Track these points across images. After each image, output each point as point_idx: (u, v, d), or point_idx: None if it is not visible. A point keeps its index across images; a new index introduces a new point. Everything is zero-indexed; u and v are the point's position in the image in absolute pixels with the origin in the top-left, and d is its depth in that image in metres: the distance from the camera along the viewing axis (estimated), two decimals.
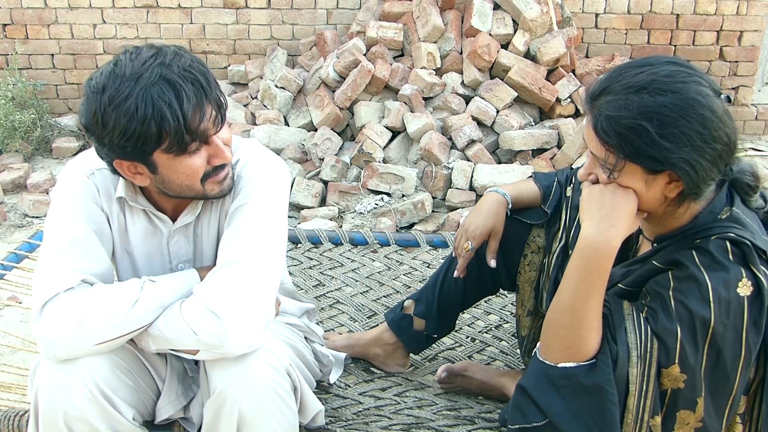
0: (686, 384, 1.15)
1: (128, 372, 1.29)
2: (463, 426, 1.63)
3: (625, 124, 1.11)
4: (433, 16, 4.04)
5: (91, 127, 1.17)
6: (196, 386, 1.46)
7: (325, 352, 1.69)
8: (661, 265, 1.20)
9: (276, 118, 4.11)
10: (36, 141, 4.32)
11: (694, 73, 1.12)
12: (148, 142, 1.15)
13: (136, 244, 1.39)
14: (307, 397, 1.40)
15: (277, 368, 1.27)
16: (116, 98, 1.12)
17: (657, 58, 1.16)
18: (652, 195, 1.17)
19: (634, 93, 1.11)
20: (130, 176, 1.25)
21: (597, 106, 1.16)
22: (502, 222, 1.61)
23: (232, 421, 1.23)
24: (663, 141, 1.09)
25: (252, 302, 1.23)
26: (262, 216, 1.30)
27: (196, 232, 1.39)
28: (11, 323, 2.55)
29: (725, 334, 1.12)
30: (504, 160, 3.91)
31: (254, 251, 1.26)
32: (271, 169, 1.36)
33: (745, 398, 1.21)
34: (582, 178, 1.25)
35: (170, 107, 1.12)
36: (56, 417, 1.20)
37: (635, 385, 1.16)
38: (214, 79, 1.21)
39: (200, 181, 1.25)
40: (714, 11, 4.64)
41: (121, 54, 1.18)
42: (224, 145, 1.24)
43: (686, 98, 1.09)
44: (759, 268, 1.12)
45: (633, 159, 1.13)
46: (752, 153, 4.55)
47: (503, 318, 2.13)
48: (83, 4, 4.51)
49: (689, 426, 1.17)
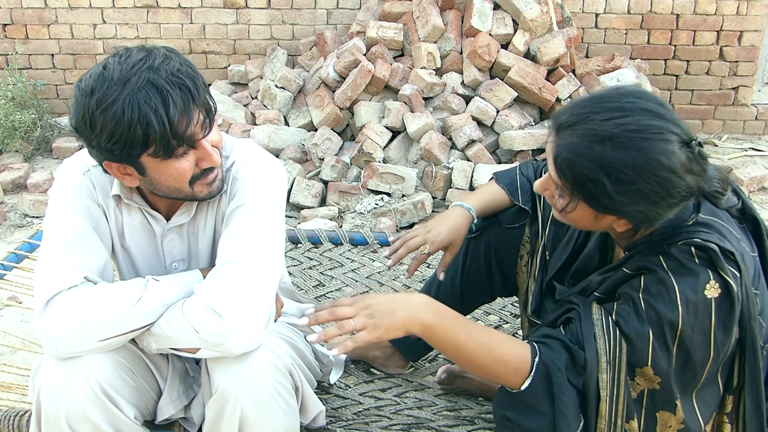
0: (661, 386, 1.16)
1: (130, 372, 1.29)
2: (463, 426, 1.63)
3: (583, 173, 1.12)
4: (433, 16, 4.04)
5: (80, 128, 1.18)
6: (197, 386, 1.46)
7: (326, 352, 1.69)
8: (631, 272, 1.21)
9: (276, 118, 4.11)
10: (36, 141, 4.32)
11: (664, 127, 1.10)
12: (135, 146, 1.16)
13: (133, 241, 1.39)
14: (308, 397, 1.40)
15: (280, 368, 1.27)
16: (104, 102, 1.13)
17: (633, 101, 1.13)
18: (601, 225, 1.21)
19: (598, 142, 1.10)
20: (120, 177, 1.26)
21: (560, 140, 1.15)
22: (462, 237, 1.60)
23: (233, 421, 1.23)
24: (617, 196, 1.11)
25: (253, 300, 1.23)
26: (259, 216, 1.31)
27: (190, 232, 1.40)
28: (11, 323, 2.55)
29: (693, 336, 1.13)
30: (504, 160, 3.91)
31: (253, 250, 1.27)
32: (267, 170, 1.37)
33: (731, 398, 1.22)
34: (537, 190, 1.27)
35: (156, 113, 1.12)
36: (59, 416, 1.20)
37: (606, 390, 1.17)
38: (203, 82, 1.21)
39: (189, 184, 1.25)
40: (714, 11, 4.63)
41: (111, 56, 1.18)
42: (213, 147, 1.24)
43: (648, 158, 1.08)
44: (726, 270, 1.12)
45: (586, 201, 1.16)
46: (752, 153, 4.54)
47: (503, 318, 2.13)
48: (83, 4, 4.51)
49: (671, 429, 1.18)
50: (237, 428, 1.24)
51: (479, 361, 1.20)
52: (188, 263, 1.42)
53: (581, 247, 1.43)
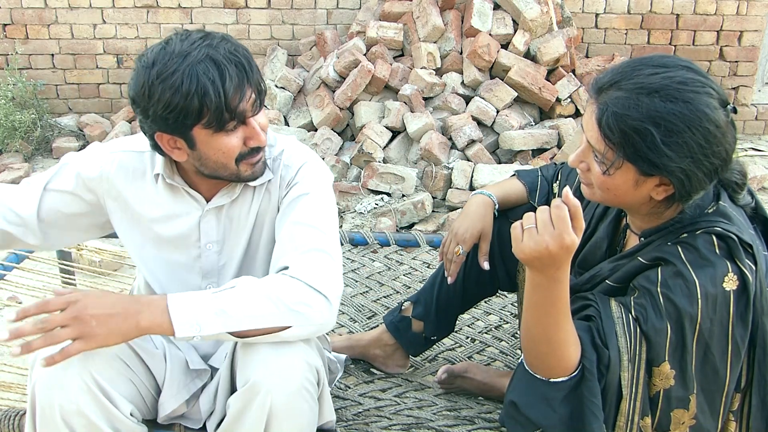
0: (676, 380, 1.15)
1: (125, 365, 1.29)
2: (463, 426, 1.63)
3: (632, 125, 1.10)
4: (433, 16, 4.04)
5: (138, 99, 1.23)
6: (199, 380, 1.46)
7: (332, 357, 1.69)
8: (647, 262, 1.20)
9: (276, 118, 4.11)
10: (36, 141, 4.32)
11: (706, 82, 1.12)
12: (189, 116, 1.21)
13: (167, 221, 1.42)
14: (325, 399, 1.40)
15: (311, 364, 1.28)
16: (164, 72, 1.19)
17: (672, 59, 1.15)
18: (638, 194, 1.18)
19: (646, 95, 1.10)
20: (169, 150, 1.30)
21: (604, 99, 1.14)
22: (490, 224, 1.60)
23: (262, 413, 1.22)
24: (665, 148, 1.09)
25: (341, 286, 1.30)
26: (327, 206, 1.38)
27: (228, 215, 1.42)
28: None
29: (712, 329, 1.12)
30: (504, 160, 3.91)
31: (331, 239, 1.33)
32: (316, 159, 1.44)
33: (738, 395, 1.22)
34: (572, 164, 1.24)
35: (213, 84, 1.18)
36: (53, 411, 1.20)
37: (627, 388, 1.16)
38: (256, 66, 1.27)
39: (235, 161, 1.30)
40: (714, 11, 4.64)
41: (173, 34, 1.26)
42: (261, 129, 1.29)
43: (696, 109, 1.09)
44: (744, 263, 1.12)
45: (631, 159, 1.13)
46: (752, 153, 4.55)
47: (503, 318, 2.13)
48: (83, 4, 4.51)
49: (684, 425, 1.18)
50: (264, 421, 1.23)
51: (561, 332, 1.16)
52: (222, 245, 1.44)
53: (590, 236, 1.41)
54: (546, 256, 1.08)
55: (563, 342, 1.16)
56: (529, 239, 1.09)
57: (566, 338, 1.16)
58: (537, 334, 1.17)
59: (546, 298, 1.13)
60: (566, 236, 1.06)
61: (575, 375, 1.17)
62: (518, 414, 1.21)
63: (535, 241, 1.08)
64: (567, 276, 1.13)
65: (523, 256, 1.11)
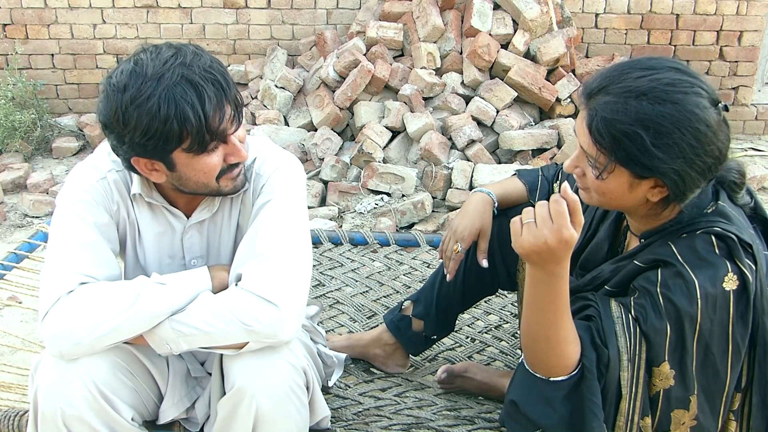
0: (676, 381, 1.16)
1: (129, 373, 1.29)
2: (463, 426, 1.63)
3: (621, 129, 1.11)
4: (433, 16, 4.04)
5: (111, 125, 1.18)
6: (200, 387, 1.46)
7: (329, 353, 1.69)
8: (644, 265, 1.20)
9: (276, 118, 4.11)
10: (36, 141, 4.32)
11: (695, 82, 1.12)
12: (170, 142, 1.17)
13: (149, 241, 1.40)
14: (317, 398, 1.40)
15: (296, 366, 1.27)
16: (138, 97, 1.14)
17: (660, 61, 1.15)
18: (634, 197, 1.18)
19: (634, 98, 1.11)
20: (147, 173, 1.26)
21: (593, 104, 1.15)
22: (489, 221, 1.60)
23: (249, 418, 1.22)
24: (656, 150, 1.10)
25: (299, 290, 1.25)
26: (290, 209, 1.33)
27: (210, 228, 1.41)
28: (11, 323, 2.55)
29: (712, 329, 1.13)
30: (504, 160, 3.91)
31: (291, 243, 1.29)
32: (289, 165, 1.40)
33: (739, 395, 1.22)
34: (567, 169, 1.25)
35: (192, 107, 1.14)
36: (54, 416, 1.20)
37: (626, 388, 1.17)
38: (231, 78, 1.23)
39: (215, 179, 1.27)
40: (714, 11, 4.64)
41: (141, 53, 1.19)
42: (240, 143, 1.27)
43: (684, 110, 1.09)
44: (744, 262, 1.13)
45: (623, 163, 1.14)
46: (752, 153, 4.54)
47: (503, 318, 2.13)
48: (83, 4, 4.51)
49: (684, 426, 1.18)
50: (251, 425, 1.23)
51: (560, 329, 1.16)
52: (207, 259, 1.43)
53: (591, 237, 1.42)
54: (545, 251, 1.08)
55: (563, 339, 1.16)
56: (528, 234, 1.09)
57: (566, 335, 1.16)
58: (537, 330, 1.17)
59: (546, 293, 1.14)
60: (565, 231, 1.06)
61: (575, 374, 1.17)
62: (518, 413, 1.21)
63: (534, 235, 1.08)
64: (566, 271, 1.13)
65: (522, 251, 1.11)
